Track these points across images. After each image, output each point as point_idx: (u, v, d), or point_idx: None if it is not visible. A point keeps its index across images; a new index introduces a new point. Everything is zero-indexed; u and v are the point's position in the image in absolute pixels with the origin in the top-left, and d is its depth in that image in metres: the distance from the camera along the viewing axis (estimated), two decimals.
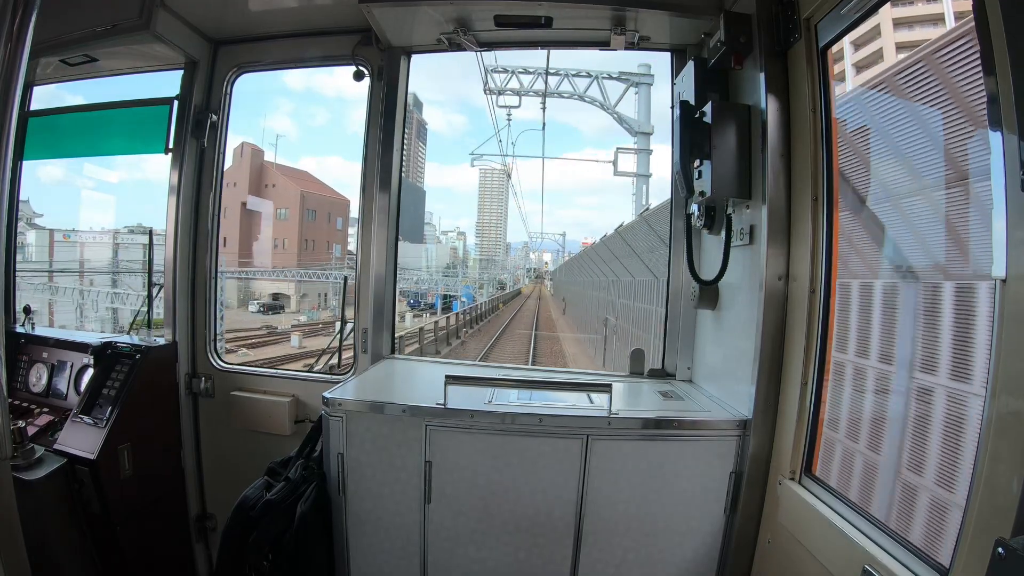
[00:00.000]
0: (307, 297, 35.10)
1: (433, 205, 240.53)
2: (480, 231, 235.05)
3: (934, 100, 1.44)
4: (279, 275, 34.13)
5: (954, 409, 1.36)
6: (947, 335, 1.41)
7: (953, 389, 1.37)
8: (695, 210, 2.27)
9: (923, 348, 1.50)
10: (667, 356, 2.66)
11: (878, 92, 1.67)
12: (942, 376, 1.41)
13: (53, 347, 2.80)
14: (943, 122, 1.43)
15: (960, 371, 1.34)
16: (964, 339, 1.34)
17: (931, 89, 1.43)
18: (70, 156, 3.17)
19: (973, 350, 1.30)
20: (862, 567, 1.41)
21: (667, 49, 2.61)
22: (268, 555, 1.98)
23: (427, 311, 41.59)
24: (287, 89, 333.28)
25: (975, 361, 1.29)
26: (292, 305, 34.32)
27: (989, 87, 1.10)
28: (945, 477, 1.37)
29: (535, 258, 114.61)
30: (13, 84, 1.18)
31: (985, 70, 1.11)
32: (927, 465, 1.46)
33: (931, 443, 1.45)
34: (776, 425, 1.91)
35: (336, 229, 41.19)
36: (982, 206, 1.21)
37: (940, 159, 1.43)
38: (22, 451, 2.03)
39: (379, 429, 2.03)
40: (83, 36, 2.49)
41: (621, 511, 1.99)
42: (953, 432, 1.36)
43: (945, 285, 1.43)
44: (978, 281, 1.30)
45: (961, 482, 1.27)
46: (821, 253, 1.76)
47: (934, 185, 1.45)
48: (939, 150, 1.44)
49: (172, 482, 2.72)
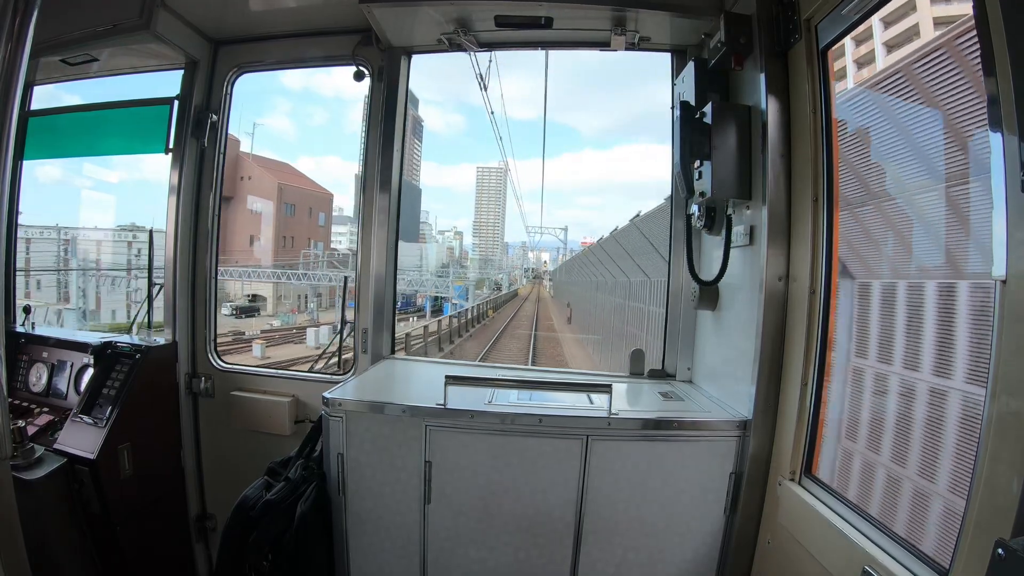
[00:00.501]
0: (286, 299, 33.07)
1: (432, 205, 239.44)
2: (478, 230, 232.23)
3: (933, 98, 1.44)
4: (254, 275, 31.68)
5: (954, 409, 1.36)
6: (947, 335, 1.41)
7: (953, 389, 1.37)
8: (695, 211, 2.27)
9: (923, 348, 1.50)
10: (667, 356, 2.66)
11: (877, 90, 1.67)
12: (942, 376, 1.41)
13: (53, 347, 2.80)
14: (943, 120, 1.43)
15: (960, 371, 1.34)
16: (964, 339, 1.35)
17: (930, 87, 1.44)
18: (70, 156, 3.17)
19: (973, 350, 1.30)
20: (862, 568, 1.41)
21: (667, 50, 2.60)
22: (268, 555, 1.98)
23: (415, 314, 38.20)
24: (284, 88, 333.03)
25: (975, 361, 1.29)
26: (269, 308, 32.31)
27: (989, 88, 1.10)
28: (945, 477, 1.37)
29: (533, 257, 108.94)
30: (13, 84, 1.18)
31: (985, 71, 1.11)
32: (927, 466, 1.46)
33: (931, 443, 1.45)
34: (776, 426, 1.91)
35: (318, 225, 38.41)
36: (982, 206, 1.22)
37: (940, 157, 1.43)
38: (22, 451, 2.03)
39: (379, 429, 2.03)
40: (83, 36, 2.49)
41: (621, 511, 1.99)
42: (953, 432, 1.36)
43: (945, 285, 1.43)
44: (978, 281, 1.31)
45: (961, 482, 1.27)
46: (821, 254, 1.76)
47: (934, 184, 1.45)
48: (938, 149, 1.44)
49: (172, 482, 2.72)
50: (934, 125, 1.46)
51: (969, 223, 1.34)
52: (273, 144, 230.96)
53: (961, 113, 1.33)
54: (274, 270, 32.74)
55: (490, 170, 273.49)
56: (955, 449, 1.35)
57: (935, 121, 1.46)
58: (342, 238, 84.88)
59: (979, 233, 1.30)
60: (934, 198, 1.46)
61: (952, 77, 1.34)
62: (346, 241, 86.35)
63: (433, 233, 60.87)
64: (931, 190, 1.48)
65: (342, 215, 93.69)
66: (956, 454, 1.34)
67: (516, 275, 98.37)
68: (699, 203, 2.22)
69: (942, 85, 1.37)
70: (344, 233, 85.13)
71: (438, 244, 60.74)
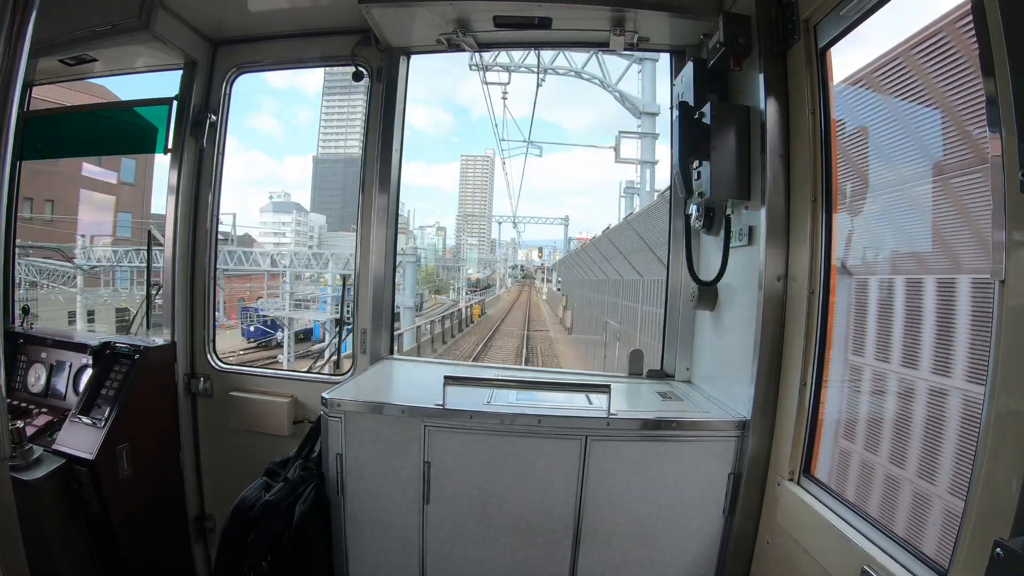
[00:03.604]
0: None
1: (420, 204, 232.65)
2: (463, 225, 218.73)
3: (932, 97, 1.44)
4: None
5: (953, 409, 1.37)
6: (946, 335, 1.41)
7: (952, 389, 1.37)
8: (694, 211, 2.27)
9: (922, 348, 1.50)
10: (666, 357, 2.66)
11: (872, 85, 1.67)
12: (941, 376, 1.41)
13: (52, 347, 2.79)
14: (942, 119, 1.43)
15: (959, 371, 1.34)
16: (964, 339, 1.35)
17: (929, 85, 1.44)
18: (70, 156, 3.18)
19: (972, 350, 1.31)
20: (861, 567, 1.41)
21: (666, 50, 2.61)
22: (267, 556, 1.98)
23: (275, 347, 23.31)
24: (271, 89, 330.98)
25: (974, 361, 1.29)
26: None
27: (988, 88, 1.10)
28: (944, 477, 1.38)
29: (523, 256, 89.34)
30: (13, 84, 1.18)
31: (984, 71, 1.11)
32: (926, 466, 1.46)
33: (930, 443, 1.46)
34: (775, 426, 1.92)
35: (109, 180, 14.72)
36: (981, 206, 1.22)
37: (940, 156, 1.43)
38: (21, 451, 2.03)
39: (378, 430, 2.03)
40: (83, 36, 2.49)
41: (620, 512, 1.99)
42: (952, 432, 1.36)
43: (944, 283, 1.43)
44: (977, 280, 1.31)
45: (960, 483, 1.27)
46: (820, 254, 1.77)
47: (932, 183, 1.46)
48: (938, 147, 1.44)
49: (171, 482, 2.72)
50: (932, 118, 1.47)
51: (969, 222, 1.35)
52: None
53: (963, 104, 1.33)
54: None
55: (475, 159, 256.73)
56: (954, 449, 1.35)
57: (933, 115, 1.46)
58: (286, 228, 76.34)
59: (979, 233, 1.30)
60: (936, 193, 1.46)
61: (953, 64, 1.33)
62: (292, 233, 75.10)
63: (411, 228, 55.40)
64: (928, 183, 1.48)
65: (287, 200, 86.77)
66: (955, 454, 1.34)
67: (496, 274, 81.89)
68: (698, 203, 2.22)
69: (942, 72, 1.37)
70: (288, 223, 77.93)
71: (415, 239, 49.99)
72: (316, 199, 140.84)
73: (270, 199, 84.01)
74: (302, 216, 78.93)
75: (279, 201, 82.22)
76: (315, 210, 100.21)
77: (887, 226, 1.72)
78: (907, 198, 1.59)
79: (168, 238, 2.78)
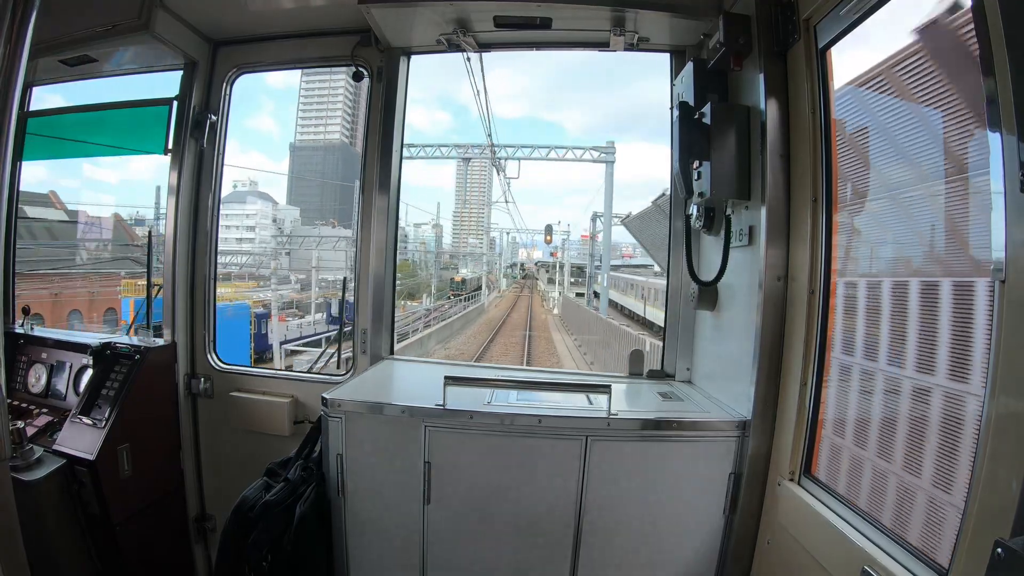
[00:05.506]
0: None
1: (419, 203, 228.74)
2: (460, 223, 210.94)
3: (932, 96, 1.44)
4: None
5: (953, 409, 1.36)
6: (946, 335, 1.41)
7: (952, 389, 1.37)
8: (694, 211, 2.27)
9: (922, 348, 1.50)
10: (666, 357, 2.66)
11: (874, 87, 1.67)
12: (941, 376, 1.41)
13: (52, 347, 2.79)
14: (942, 118, 1.43)
15: (959, 371, 1.34)
16: (963, 339, 1.35)
17: (928, 84, 1.44)
18: (70, 156, 3.16)
19: (973, 350, 1.30)
20: (861, 567, 1.41)
21: (666, 50, 2.61)
22: (267, 556, 1.98)
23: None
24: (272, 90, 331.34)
25: (974, 361, 1.29)
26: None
27: (988, 88, 1.10)
28: (944, 477, 1.37)
29: (524, 255, 76.55)
30: (13, 84, 1.18)
31: (984, 71, 1.11)
32: (926, 465, 1.46)
33: (930, 443, 1.45)
34: (775, 426, 1.92)
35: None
36: (981, 205, 1.22)
37: (939, 155, 1.43)
38: (21, 452, 2.03)
39: (378, 430, 2.03)
40: (82, 36, 2.49)
41: (620, 512, 1.99)
42: (952, 432, 1.36)
43: (944, 284, 1.43)
44: (977, 281, 1.31)
45: (960, 482, 1.27)
46: (820, 254, 1.76)
47: (933, 182, 1.45)
48: (938, 146, 1.44)
49: (171, 483, 2.72)
50: (932, 118, 1.47)
51: (970, 221, 1.34)
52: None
53: (963, 104, 1.33)
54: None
55: (473, 152, 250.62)
56: (954, 449, 1.35)
57: (933, 115, 1.46)
58: (252, 220, 64.77)
59: (979, 232, 1.30)
60: (936, 193, 1.46)
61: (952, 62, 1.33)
62: (258, 224, 62.18)
63: (404, 225, 49.89)
64: (928, 183, 1.48)
65: (254, 189, 74.55)
66: (955, 454, 1.34)
67: (490, 273, 67.87)
68: (698, 203, 2.22)
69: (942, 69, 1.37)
70: (254, 213, 66.28)
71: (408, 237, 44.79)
72: (293, 190, 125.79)
73: (233, 188, 73.49)
74: (266, 207, 72.46)
75: (248, 190, 75.22)
76: (292, 202, 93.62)
77: (887, 226, 1.72)
78: (907, 198, 1.59)
79: (168, 238, 2.78)
